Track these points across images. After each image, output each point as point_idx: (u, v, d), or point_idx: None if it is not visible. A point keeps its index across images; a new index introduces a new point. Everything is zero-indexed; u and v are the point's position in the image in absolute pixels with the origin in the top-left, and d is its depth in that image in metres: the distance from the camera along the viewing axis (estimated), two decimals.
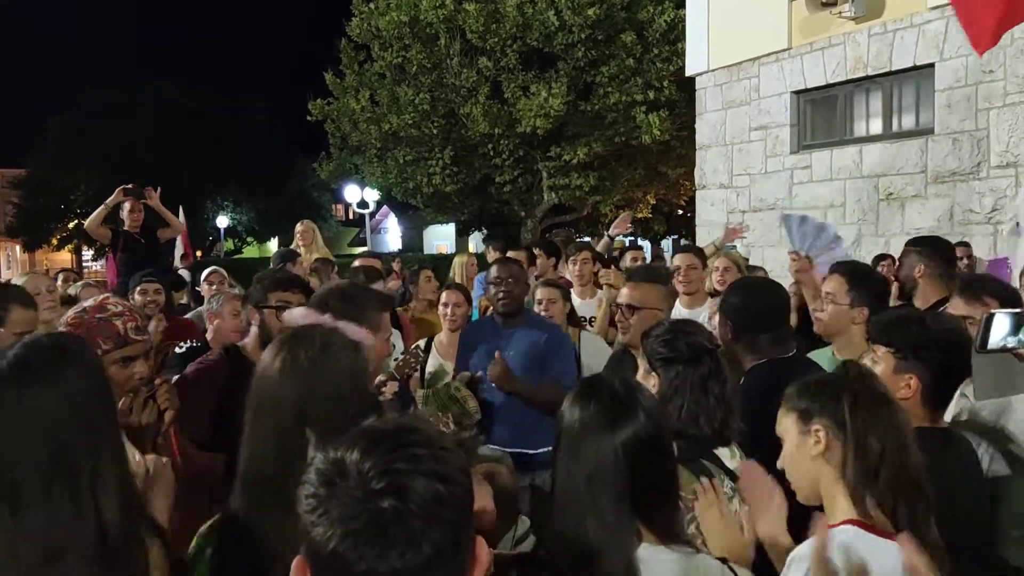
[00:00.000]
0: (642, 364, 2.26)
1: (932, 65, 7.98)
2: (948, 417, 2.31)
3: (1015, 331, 2.06)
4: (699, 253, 4.89)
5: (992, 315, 2.05)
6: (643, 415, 1.51)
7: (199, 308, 5.65)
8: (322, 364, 1.68)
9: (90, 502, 1.41)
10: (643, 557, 1.48)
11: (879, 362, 2.17)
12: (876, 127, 8.79)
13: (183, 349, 3.61)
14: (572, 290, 5.22)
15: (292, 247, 7.07)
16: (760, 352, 2.76)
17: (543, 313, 4.13)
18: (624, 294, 3.37)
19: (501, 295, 3.74)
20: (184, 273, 7.78)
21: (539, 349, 3.68)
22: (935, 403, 2.13)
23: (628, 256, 6.36)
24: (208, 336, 3.87)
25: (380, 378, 3.22)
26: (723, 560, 1.60)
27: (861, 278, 3.09)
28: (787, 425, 1.76)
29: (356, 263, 5.21)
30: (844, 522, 1.62)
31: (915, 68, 8.17)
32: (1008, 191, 7.40)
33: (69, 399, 1.45)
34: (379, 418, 1.11)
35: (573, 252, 5.31)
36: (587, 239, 16.72)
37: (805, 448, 1.71)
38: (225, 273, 6.00)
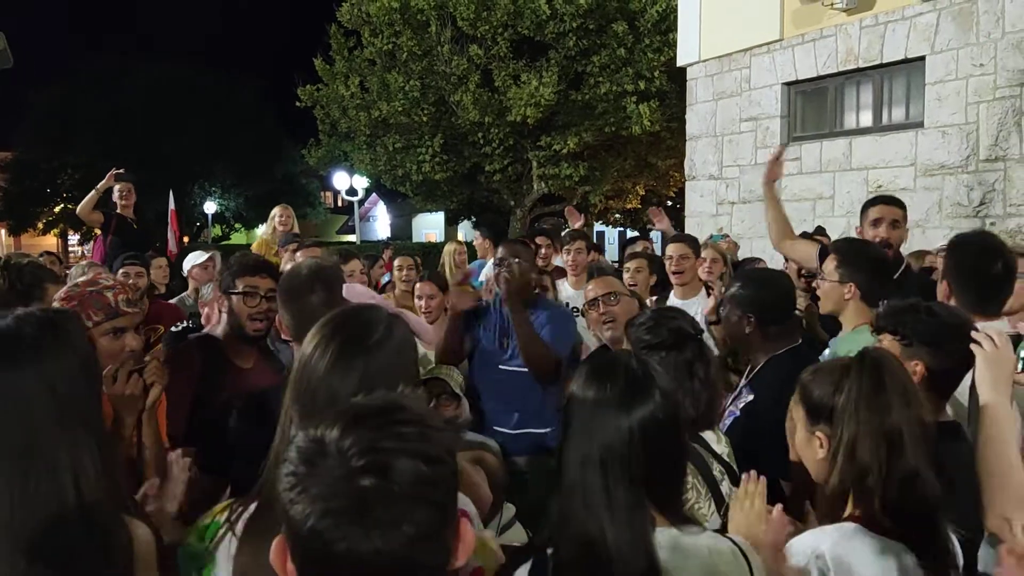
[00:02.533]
0: None
1: (923, 58, 8.01)
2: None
3: None
4: (692, 242, 4.75)
5: None
6: (659, 394, 1.46)
7: (182, 294, 5.66)
8: (388, 349, 1.49)
9: (69, 488, 1.38)
10: (661, 542, 1.42)
11: None
12: (866, 119, 8.83)
13: (178, 329, 3.58)
14: (566, 279, 5.23)
15: (269, 231, 6.74)
16: (774, 342, 2.76)
17: None
18: (594, 289, 3.52)
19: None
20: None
21: (537, 327, 3.65)
22: (941, 392, 2.14)
23: (639, 246, 6.30)
24: (203, 323, 3.87)
25: None
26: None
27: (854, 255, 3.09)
28: (797, 417, 1.83)
29: (298, 254, 4.75)
30: (847, 518, 1.65)
31: (906, 61, 8.20)
32: (996, 185, 7.45)
33: (49, 383, 1.41)
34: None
35: (567, 241, 5.29)
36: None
37: (811, 448, 1.78)
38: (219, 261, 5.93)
